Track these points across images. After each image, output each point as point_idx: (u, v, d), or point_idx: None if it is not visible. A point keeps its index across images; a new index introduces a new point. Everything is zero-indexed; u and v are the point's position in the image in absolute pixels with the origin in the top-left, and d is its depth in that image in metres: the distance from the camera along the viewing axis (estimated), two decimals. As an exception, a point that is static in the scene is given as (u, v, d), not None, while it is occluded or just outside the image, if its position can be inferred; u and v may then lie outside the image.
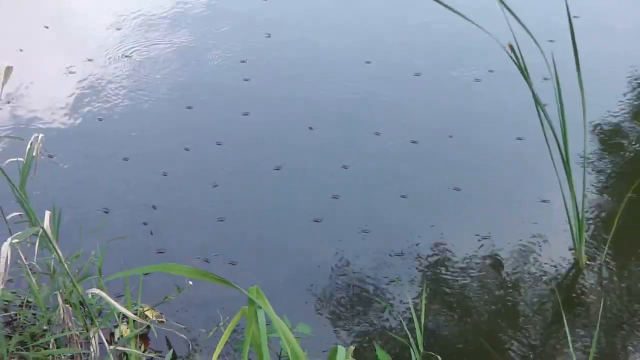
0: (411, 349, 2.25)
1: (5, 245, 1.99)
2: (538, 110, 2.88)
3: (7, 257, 2.03)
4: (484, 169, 3.68)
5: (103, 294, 2.21)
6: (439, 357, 2.36)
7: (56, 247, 2.26)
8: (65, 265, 2.29)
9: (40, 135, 2.51)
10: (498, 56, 2.88)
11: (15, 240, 2.03)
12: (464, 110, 4.06)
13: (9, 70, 2.61)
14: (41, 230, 2.20)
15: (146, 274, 2.80)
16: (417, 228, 3.30)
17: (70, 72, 4.41)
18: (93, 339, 2.39)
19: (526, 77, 2.82)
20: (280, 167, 3.65)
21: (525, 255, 3.15)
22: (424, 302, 2.60)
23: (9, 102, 4.08)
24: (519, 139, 3.74)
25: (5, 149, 3.19)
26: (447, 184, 3.52)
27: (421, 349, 2.24)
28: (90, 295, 2.50)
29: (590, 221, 3.27)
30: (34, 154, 2.58)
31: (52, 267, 2.57)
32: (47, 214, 2.30)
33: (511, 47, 2.76)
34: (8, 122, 3.99)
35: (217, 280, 1.82)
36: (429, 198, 3.47)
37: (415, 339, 2.25)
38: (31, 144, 2.50)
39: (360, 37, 4.79)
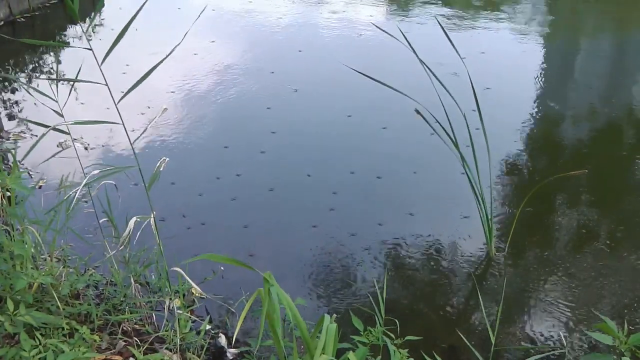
0: (376, 316, 2.23)
1: (132, 219, 2.15)
2: (462, 158, 2.95)
3: (131, 227, 2.16)
4: (431, 194, 3.65)
5: (183, 273, 2.24)
6: (396, 320, 2.34)
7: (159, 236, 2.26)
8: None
9: (166, 159, 2.33)
10: (451, 120, 2.95)
11: (138, 220, 2.19)
12: (420, 157, 4.04)
13: (165, 110, 2.54)
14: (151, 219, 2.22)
15: (193, 262, 2.76)
16: (385, 233, 3.27)
17: (143, 133, 4.33)
18: (169, 304, 2.31)
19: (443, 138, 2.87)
20: (273, 188, 3.63)
21: (455, 250, 3.16)
22: (385, 282, 2.62)
23: (103, 146, 4.05)
24: (462, 173, 3.69)
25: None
26: (404, 209, 3.49)
27: (383, 315, 2.22)
28: (175, 273, 2.39)
29: (497, 226, 3.28)
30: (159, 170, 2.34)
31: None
32: (153, 213, 2.24)
33: (417, 111, 2.81)
34: (100, 160, 3.90)
35: (242, 265, 1.81)
36: (392, 214, 3.46)
37: (379, 308, 2.23)
38: (158, 166, 2.29)
39: (347, 103, 4.75)
